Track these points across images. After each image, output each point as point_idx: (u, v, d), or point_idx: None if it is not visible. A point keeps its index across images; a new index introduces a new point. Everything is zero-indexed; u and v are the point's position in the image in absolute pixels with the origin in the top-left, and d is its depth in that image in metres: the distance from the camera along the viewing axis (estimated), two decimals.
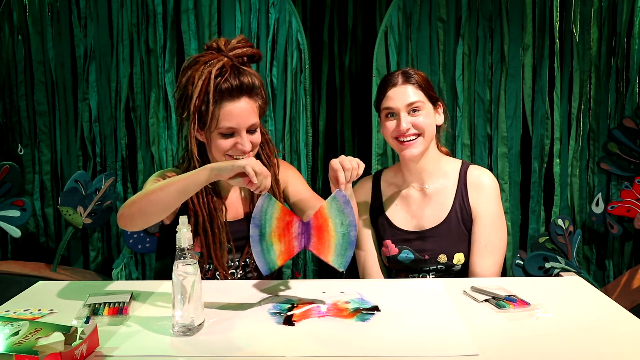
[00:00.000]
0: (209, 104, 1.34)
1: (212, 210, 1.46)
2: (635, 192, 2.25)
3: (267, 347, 1.02)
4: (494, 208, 1.59)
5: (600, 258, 2.37)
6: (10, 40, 2.35)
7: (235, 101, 1.36)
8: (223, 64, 1.35)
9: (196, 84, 1.34)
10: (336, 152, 2.55)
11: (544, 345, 1.02)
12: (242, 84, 1.36)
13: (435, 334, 1.07)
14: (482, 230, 1.57)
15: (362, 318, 1.15)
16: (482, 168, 1.65)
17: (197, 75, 1.35)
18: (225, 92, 1.35)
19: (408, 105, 1.55)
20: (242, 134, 1.38)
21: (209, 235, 1.45)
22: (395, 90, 1.56)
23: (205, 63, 1.36)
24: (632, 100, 2.24)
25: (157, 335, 1.07)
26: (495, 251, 1.57)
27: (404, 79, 1.57)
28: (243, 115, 1.37)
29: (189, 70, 1.38)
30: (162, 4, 2.30)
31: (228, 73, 1.35)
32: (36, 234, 2.45)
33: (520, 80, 2.28)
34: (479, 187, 1.59)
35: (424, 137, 1.56)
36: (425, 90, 1.57)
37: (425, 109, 1.56)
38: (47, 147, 2.41)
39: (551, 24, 2.25)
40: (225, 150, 1.39)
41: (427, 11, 2.25)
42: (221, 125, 1.36)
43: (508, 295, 1.24)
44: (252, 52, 1.42)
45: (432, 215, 1.61)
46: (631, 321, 1.13)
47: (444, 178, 1.63)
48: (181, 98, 1.40)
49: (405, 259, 1.61)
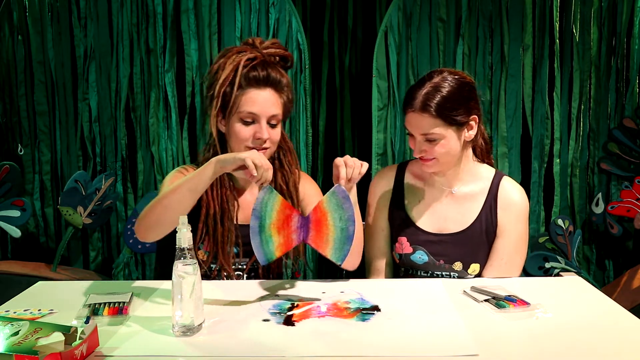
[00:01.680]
0: (233, 86, 1.37)
1: (224, 203, 1.45)
2: (635, 192, 2.25)
3: (267, 347, 1.02)
4: (522, 227, 1.52)
5: (600, 258, 2.37)
6: (10, 40, 2.35)
7: (261, 89, 1.39)
8: (255, 56, 1.40)
9: (225, 69, 1.38)
10: (336, 152, 2.55)
11: (544, 345, 1.02)
12: (269, 75, 1.40)
13: (435, 334, 1.07)
14: (506, 247, 1.50)
15: (362, 318, 1.15)
16: (515, 183, 1.56)
17: (228, 62, 1.39)
18: (252, 80, 1.39)
19: (422, 135, 1.43)
20: (262, 122, 1.38)
21: (218, 228, 1.44)
22: (411, 115, 1.44)
23: (237, 52, 1.41)
24: (632, 100, 2.24)
25: (157, 335, 1.07)
26: (514, 270, 1.50)
27: (421, 107, 1.41)
28: (265, 104, 1.39)
29: (221, 58, 1.43)
30: (162, 4, 2.30)
31: (257, 63, 1.40)
32: (36, 234, 2.45)
33: (520, 80, 2.28)
34: (510, 203, 1.51)
35: (440, 160, 1.46)
36: (447, 117, 1.41)
37: (444, 137, 1.42)
38: (47, 147, 2.41)
39: (551, 24, 2.25)
40: (244, 138, 1.39)
41: (427, 11, 2.25)
42: (242, 109, 1.38)
43: (508, 295, 1.24)
44: (285, 54, 1.46)
45: (456, 220, 1.52)
46: (631, 321, 1.13)
47: (474, 184, 1.54)
48: (209, 85, 1.44)
49: (419, 260, 1.52)
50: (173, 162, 2.36)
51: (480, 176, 1.54)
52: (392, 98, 2.26)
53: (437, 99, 1.40)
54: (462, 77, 1.47)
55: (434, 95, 1.41)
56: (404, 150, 2.29)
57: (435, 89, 1.42)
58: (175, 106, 2.34)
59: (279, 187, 1.49)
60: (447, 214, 1.54)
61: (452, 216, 1.53)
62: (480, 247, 1.52)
